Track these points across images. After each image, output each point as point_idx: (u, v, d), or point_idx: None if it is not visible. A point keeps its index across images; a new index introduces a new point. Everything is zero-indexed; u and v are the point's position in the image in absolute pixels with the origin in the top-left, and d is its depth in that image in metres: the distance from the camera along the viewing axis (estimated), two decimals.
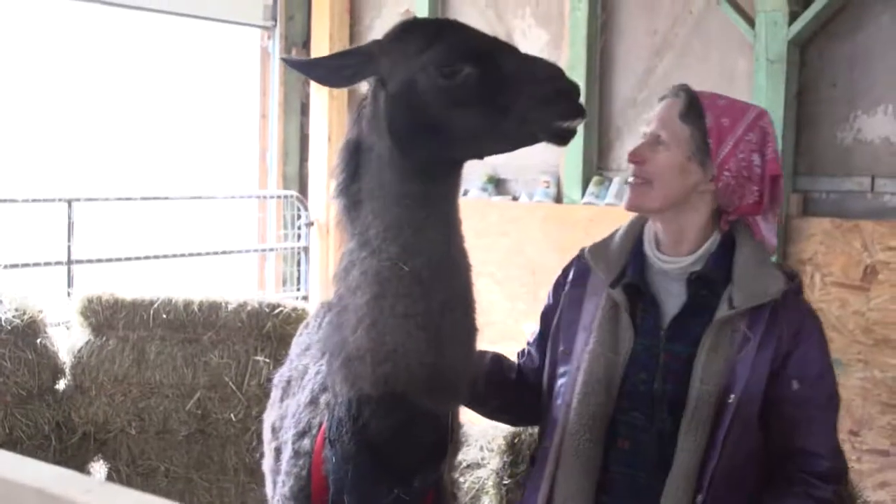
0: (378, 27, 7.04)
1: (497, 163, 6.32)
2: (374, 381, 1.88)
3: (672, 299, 2.09)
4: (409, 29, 1.95)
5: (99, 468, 4.76)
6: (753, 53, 5.19)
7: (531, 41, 6.20)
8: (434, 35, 1.89)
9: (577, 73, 5.79)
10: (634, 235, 2.18)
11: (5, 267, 5.14)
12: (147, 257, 6.16)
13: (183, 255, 6.46)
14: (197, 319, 4.60)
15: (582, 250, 2.26)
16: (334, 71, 2.00)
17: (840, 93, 5.09)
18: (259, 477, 4.27)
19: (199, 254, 6.55)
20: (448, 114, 1.85)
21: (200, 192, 6.77)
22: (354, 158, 1.98)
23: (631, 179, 2.12)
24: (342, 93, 7.10)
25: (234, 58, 7.19)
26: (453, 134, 1.86)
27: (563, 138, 1.81)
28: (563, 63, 5.98)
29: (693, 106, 2.09)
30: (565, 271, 2.30)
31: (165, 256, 6.31)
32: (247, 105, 7.23)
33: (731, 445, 1.97)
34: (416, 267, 1.87)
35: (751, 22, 5.17)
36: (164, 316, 4.63)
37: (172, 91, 6.78)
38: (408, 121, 1.89)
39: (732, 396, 1.97)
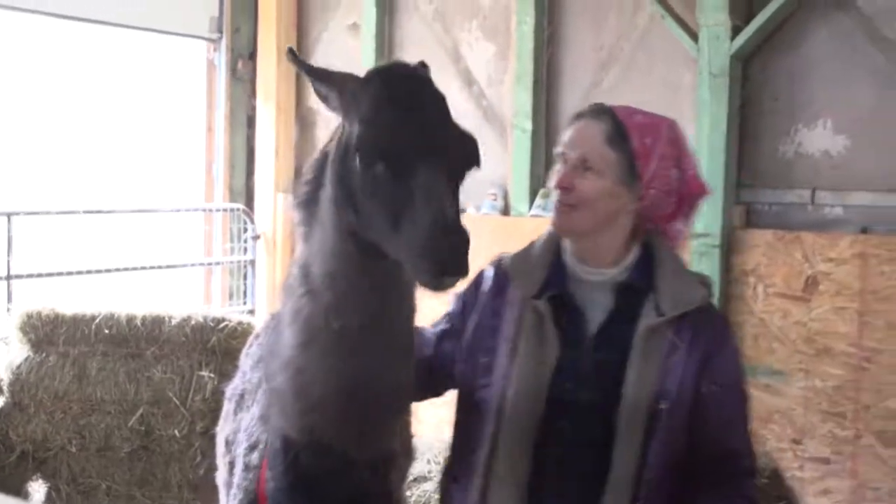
0: (325, 40, 7.02)
1: None
2: (301, 428, 1.89)
3: (597, 309, 2.10)
4: (372, 83, 1.83)
5: (38, 488, 4.65)
6: (697, 67, 5.26)
7: (478, 54, 6.22)
8: (380, 105, 1.76)
9: (523, 86, 5.82)
10: (554, 246, 2.19)
11: None
12: (89, 272, 6.06)
13: (127, 270, 6.36)
14: (140, 334, 4.53)
15: (497, 260, 2.25)
16: (319, 91, 1.93)
17: (782, 106, 5.17)
18: (203, 493, 4.22)
19: (143, 268, 6.46)
20: (362, 198, 1.75)
21: (145, 206, 6.68)
22: (320, 176, 1.92)
23: (557, 204, 2.13)
24: (289, 105, 7.06)
25: (179, 70, 7.12)
26: (365, 219, 1.77)
27: (433, 289, 1.70)
28: (509, 75, 6.02)
29: (618, 130, 2.11)
30: (477, 280, 2.26)
31: (108, 271, 6.21)
32: (193, 117, 7.16)
33: (665, 452, 2.00)
34: (346, 325, 1.82)
35: (694, 36, 5.24)
36: (106, 331, 4.55)
37: (117, 103, 6.69)
38: (339, 179, 1.81)
39: (664, 403, 1.99)
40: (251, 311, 6.78)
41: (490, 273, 2.25)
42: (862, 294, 4.86)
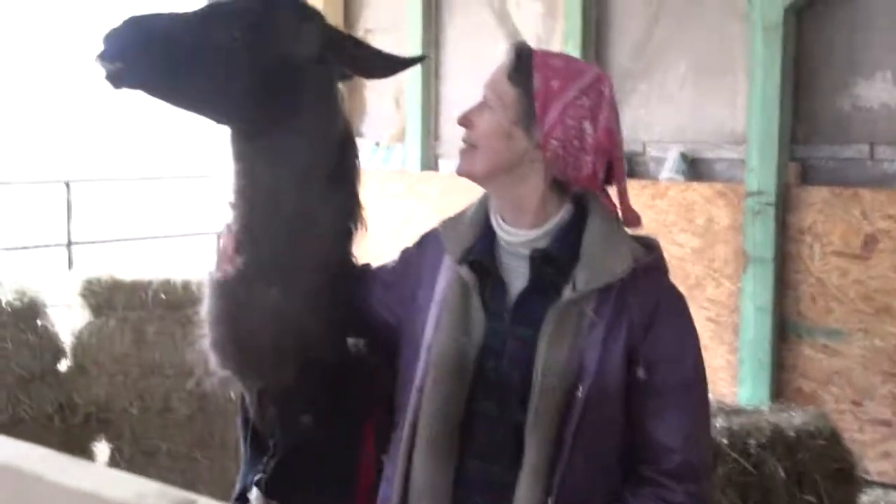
0: (372, 2, 7.00)
1: None
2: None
3: (518, 279, 1.89)
4: None
5: (102, 449, 4.79)
6: (749, 21, 5.15)
7: (525, 13, 6.16)
8: None
9: (572, 44, 5.75)
10: (485, 207, 1.98)
11: (5, 250, 5.15)
12: (146, 237, 6.16)
13: (182, 235, 6.46)
14: (195, 299, 4.57)
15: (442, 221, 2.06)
16: None
17: (838, 59, 5.05)
18: None
19: (198, 233, 6.55)
20: None
21: (199, 172, 6.76)
22: None
23: (461, 145, 1.95)
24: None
25: None
26: None
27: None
28: (558, 34, 5.95)
29: (522, 66, 1.88)
30: (422, 240, 2.09)
31: (164, 237, 6.31)
32: None
33: (585, 443, 1.80)
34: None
35: None
36: (163, 296, 4.65)
37: None
38: None
39: (581, 389, 1.78)
40: None
41: (434, 234, 2.05)
42: None
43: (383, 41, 6.98)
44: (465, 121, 1.91)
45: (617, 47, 5.76)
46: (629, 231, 1.94)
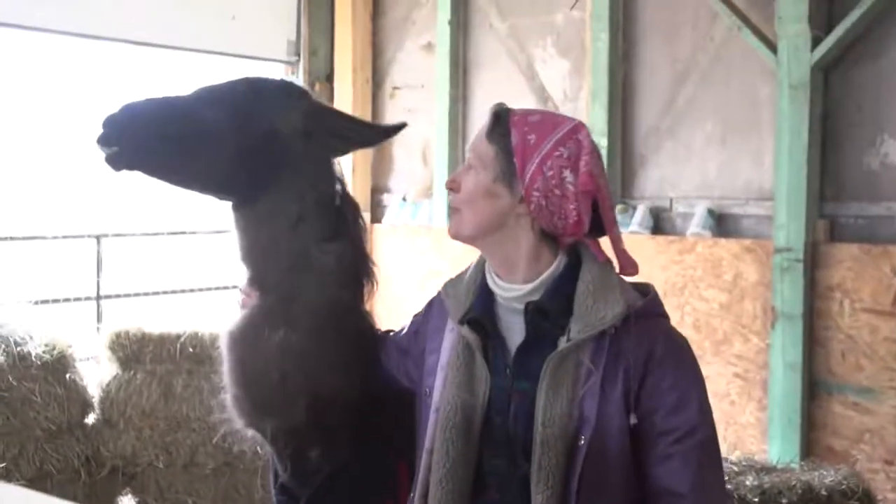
0: (400, 60, 7.09)
1: None
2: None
3: (516, 334, 1.90)
4: None
5: (128, 502, 4.78)
6: (776, 79, 5.17)
7: (552, 70, 6.22)
8: None
9: (599, 102, 5.79)
10: (483, 267, 2.01)
11: (35, 303, 5.20)
12: (175, 291, 6.21)
13: (211, 289, 6.50)
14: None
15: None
16: None
17: (866, 117, 5.05)
18: None
19: (226, 287, 6.59)
20: None
21: (227, 226, 6.82)
22: None
23: (448, 208, 2.01)
24: None
25: None
26: None
27: None
28: (585, 91, 6.00)
29: (499, 124, 1.91)
30: (429, 304, 2.15)
31: (193, 291, 6.36)
32: None
33: (591, 493, 1.78)
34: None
35: (773, 47, 5.16)
36: (191, 350, 4.67)
37: None
38: None
39: (583, 439, 1.78)
40: None
41: (438, 298, 2.10)
42: None
43: (411, 98, 7.09)
44: (451, 184, 1.96)
45: (644, 105, 5.79)
46: (627, 279, 1.94)
